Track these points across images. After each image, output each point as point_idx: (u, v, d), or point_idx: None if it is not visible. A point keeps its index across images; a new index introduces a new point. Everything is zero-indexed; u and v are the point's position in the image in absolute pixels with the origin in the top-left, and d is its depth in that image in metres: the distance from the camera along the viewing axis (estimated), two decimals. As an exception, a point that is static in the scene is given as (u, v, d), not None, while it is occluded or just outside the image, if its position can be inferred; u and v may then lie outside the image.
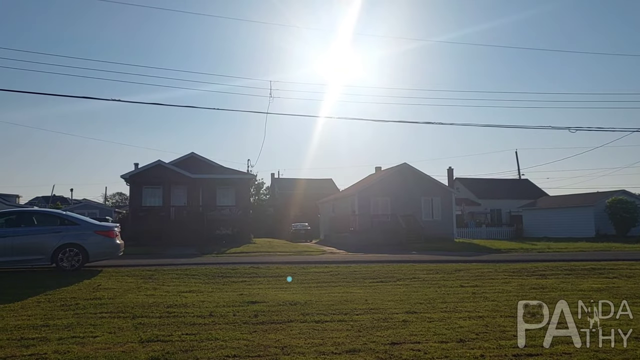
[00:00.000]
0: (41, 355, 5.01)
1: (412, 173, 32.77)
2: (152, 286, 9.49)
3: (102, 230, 12.01)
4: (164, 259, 16.29)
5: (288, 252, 21.85)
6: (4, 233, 11.09)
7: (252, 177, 37.58)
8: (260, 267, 12.69)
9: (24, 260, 11.15)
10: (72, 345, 5.36)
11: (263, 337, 5.76)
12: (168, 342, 5.55)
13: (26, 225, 11.63)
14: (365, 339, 5.65)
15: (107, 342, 5.51)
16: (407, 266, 13.33)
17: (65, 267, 11.18)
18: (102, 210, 54.15)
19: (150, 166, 30.59)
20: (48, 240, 11.23)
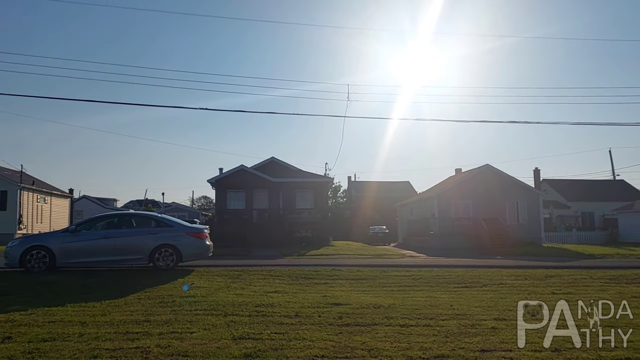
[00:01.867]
0: (145, 348, 5.42)
1: (494, 174, 31.56)
2: (240, 286, 9.91)
3: (194, 232, 12.73)
4: (249, 259, 16.92)
5: (367, 255, 21.85)
6: (107, 234, 12.09)
7: (329, 180, 37.98)
8: (341, 270, 12.83)
9: (125, 260, 12.08)
10: (172, 340, 5.74)
11: (349, 339, 5.85)
12: (259, 340, 5.79)
13: (127, 227, 12.58)
14: (453, 345, 5.57)
15: (203, 338, 5.85)
16: (493, 271, 12.89)
17: (161, 267, 11.97)
18: (190, 213, 57.03)
19: (234, 171, 31.85)
20: (146, 241, 12.08)
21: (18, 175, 30.93)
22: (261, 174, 31.94)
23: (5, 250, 12.08)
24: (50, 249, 11.57)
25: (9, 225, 29.04)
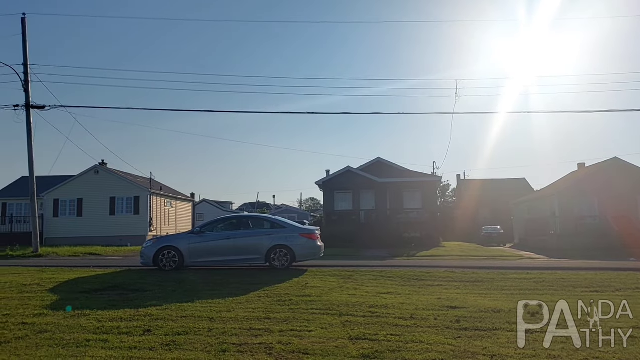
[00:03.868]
0: (268, 344, 5.69)
1: (624, 168, 28.68)
2: (353, 286, 10.02)
3: (306, 233, 13.14)
4: (359, 260, 17.07)
5: (481, 256, 20.97)
6: (229, 235, 12.91)
7: (438, 179, 37.02)
8: (455, 272, 12.45)
9: (245, 259, 12.81)
10: (292, 338, 5.96)
11: (468, 344, 5.66)
12: (375, 340, 5.82)
13: (244, 228, 13.35)
14: (585, 354, 5.16)
15: (321, 337, 6.00)
16: (627, 274, 11.72)
17: (277, 266, 12.52)
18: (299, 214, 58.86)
19: (340, 172, 32.32)
20: (263, 242, 12.71)
21: (148, 182, 34.09)
22: (367, 175, 32.05)
23: (141, 250, 13.40)
24: (179, 249, 12.61)
25: (141, 227, 32.11)
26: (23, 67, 21.00)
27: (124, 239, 30.32)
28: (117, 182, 33.37)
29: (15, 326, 6.63)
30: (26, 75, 20.95)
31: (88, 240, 29.66)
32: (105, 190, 32.83)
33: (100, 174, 33.38)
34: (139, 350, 5.51)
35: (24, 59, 21.11)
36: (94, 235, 30.73)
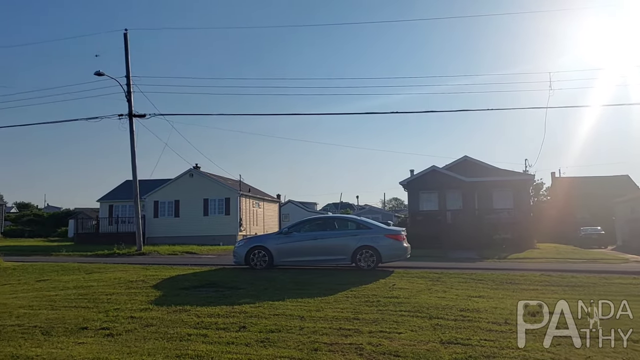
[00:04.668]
0: (358, 345, 5.75)
1: None
2: (442, 288, 9.82)
3: (392, 234, 13.08)
4: (446, 262, 16.67)
5: (580, 259, 19.66)
6: (315, 236, 13.16)
7: (530, 177, 35.20)
8: (552, 275, 11.79)
9: (331, 260, 12.99)
10: (382, 339, 5.97)
11: (570, 352, 5.38)
12: (468, 345, 5.68)
13: (330, 229, 13.54)
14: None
15: (411, 339, 5.96)
16: None
17: (362, 267, 12.56)
18: (382, 214, 58.46)
19: (425, 172, 31.72)
20: (348, 243, 12.81)
21: (238, 184, 35.58)
22: (454, 174, 31.18)
23: (234, 250, 14.05)
24: (269, 249, 13.05)
25: (231, 227, 33.57)
26: (126, 79, 22.82)
27: (217, 238, 31.85)
28: (209, 184, 35.15)
29: (125, 320, 7.22)
30: (129, 87, 22.74)
31: (184, 239, 31.51)
32: (199, 192, 34.72)
33: (194, 177, 35.34)
34: (235, 345, 5.80)
35: (126, 72, 22.93)
36: (189, 235, 32.58)
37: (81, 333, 6.48)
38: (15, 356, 5.43)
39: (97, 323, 6.97)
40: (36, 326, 6.84)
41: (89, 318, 7.32)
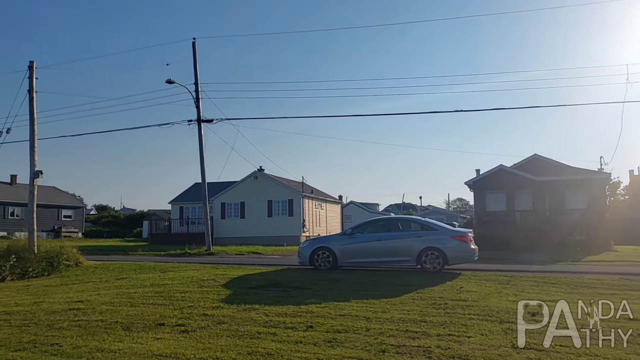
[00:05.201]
0: (426, 348, 5.70)
1: None
2: (512, 292, 9.50)
3: (458, 236, 12.79)
4: (516, 264, 16.04)
5: (665, 263, 18.29)
6: (379, 237, 13.11)
7: (606, 176, 33.10)
8: (632, 279, 11.08)
9: (395, 261, 12.89)
10: (451, 343, 5.88)
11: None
12: (542, 351, 5.49)
13: (394, 230, 13.43)
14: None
15: (481, 344, 5.83)
16: None
17: (428, 269, 12.37)
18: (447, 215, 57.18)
19: (492, 171, 30.70)
20: (413, 244, 12.66)
21: (300, 186, 36.07)
22: (523, 173, 29.96)
23: (299, 250, 14.28)
24: (332, 250, 13.15)
25: (295, 228, 34.07)
26: (194, 86, 23.76)
27: (281, 239, 32.44)
28: (273, 186, 35.87)
29: (198, 317, 7.55)
30: (197, 94, 23.67)
31: (250, 239, 32.33)
32: (263, 194, 35.51)
33: (259, 179, 36.20)
34: (304, 344, 5.92)
35: (194, 79, 23.88)
36: (254, 235, 33.40)
37: (159, 329, 6.85)
38: (99, 350, 5.83)
39: (173, 320, 7.33)
40: (117, 322, 7.30)
41: (165, 315, 7.71)
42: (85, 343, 6.13)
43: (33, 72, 16.28)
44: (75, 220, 54.10)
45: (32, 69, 16.30)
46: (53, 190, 52.68)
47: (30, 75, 16.26)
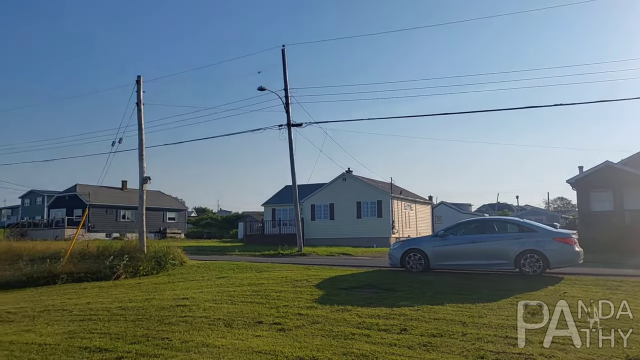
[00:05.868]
0: (528, 355, 5.47)
1: None
2: (622, 298, 8.73)
3: (561, 238, 12.04)
4: (626, 269, 14.79)
5: None
6: (473, 239, 12.69)
7: None
8: None
9: (490, 264, 12.40)
10: (555, 351, 5.60)
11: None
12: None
13: (489, 232, 12.92)
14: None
15: (589, 353, 5.51)
16: None
17: (527, 273, 11.76)
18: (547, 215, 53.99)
19: (597, 168, 28.49)
20: (510, 247, 12.09)
21: (389, 187, 35.84)
22: (632, 170, 27.49)
23: (389, 252, 14.22)
24: (424, 252, 12.94)
25: (384, 229, 33.88)
26: (284, 92, 24.51)
27: (370, 240, 32.42)
28: (361, 187, 35.96)
29: (293, 316, 7.80)
30: (287, 99, 24.40)
31: (339, 241, 32.66)
32: (351, 196, 35.70)
33: (347, 181, 36.47)
34: (398, 347, 5.92)
35: (284, 85, 24.63)
36: (343, 237, 33.68)
37: (257, 327, 7.18)
38: (205, 345, 6.23)
39: (270, 318, 7.65)
40: (219, 318, 7.74)
41: (262, 313, 8.06)
42: (192, 338, 6.57)
43: (140, 85, 17.71)
44: (178, 222, 57.97)
45: (139, 83, 17.73)
46: (159, 195, 56.79)
47: (138, 89, 17.70)
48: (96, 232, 46.59)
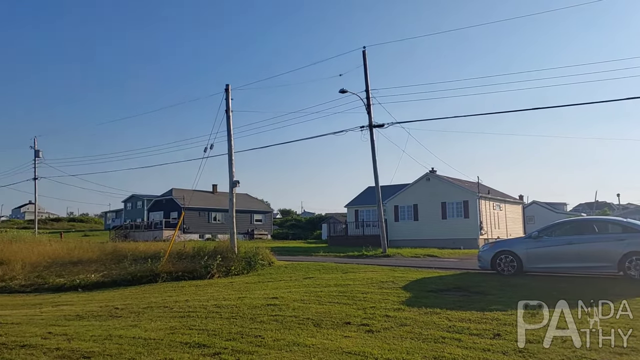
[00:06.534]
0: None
1: None
2: None
3: (673, 240, 11.00)
4: None
5: None
6: (570, 240, 11.92)
7: None
8: None
9: (590, 267, 11.59)
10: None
11: None
12: None
13: (588, 233, 12.09)
14: None
15: None
16: None
17: (633, 276, 10.85)
18: (654, 214, 49.36)
19: None
20: (613, 248, 11.23)
21: (476, 186, 34.63)
22: None
23: (479, 254, 13.74)
24: (517, 254, 12.36)
25: (471, 230, 32.78)
26: (365, 93, 24.53)
27: (456, 241, 31.52)
28: (446, 187, 35.06)
29: (381, 318, 7.79)
30: (368, 100, 24.40)
31: (423, 242, 32.07)
32: (436, 196, 34.91)
33: (431, 181, 35.73)
34: (492, 353, 5.72)
35: (365, 86, 24.65)
36: (428, 238, 33.03)
37: (345, 327, 7.25)
38: (295, 344, 6.40)
39: (358, 319, 7.70)
40: (308, 318, 7.92)
41: (350, 314, 8.13)
42: (283, 337, 6.79)
43: (229, 93, 18.55)
44: (264, 223, 59.89)
45: (227, 91, 18.59)
46: (246, 197, 59.04)
47: (227, 97, 18.56)
48: (190, 233, 49.30)
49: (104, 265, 16.86)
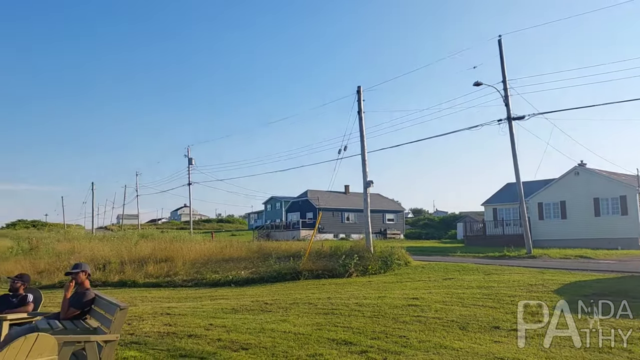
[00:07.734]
0: None
1: None
2: None
3: None
4: None
5: None
6: None
7: None
8: None
9: None
10: None
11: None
12: None
13: None
14: None
15: None
16: None
17: None
18: None
19: None
20: None
21: (635, 179, 30.85)
22: None
23: None
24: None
25: (630, 229, 29.29)
26: (502, 85, 23.20)
27: (612, 241, 28.36)
28: (599, 182, 31.72)
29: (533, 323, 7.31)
30: (505, 92, 23.04)
31: (572, 242, 29.35)
32: (586, 191, 31.75)
33: (580, 175, 32.62)
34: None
35: (502, 77, 23.31)
36: (576, 238, 30.15)
37: (494, 332, 6.95)
38: (442, 346, 6.28)
39: (508, 324, 7.31)
40: (452, 320, 7.72)
41: (497, 318, 7.76)
42: (428, 338, 6.71)
43: (360, 95, 18.84)
44: (396, 223, 59.67)
45: (359, 92, 18.89)
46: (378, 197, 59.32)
47: (359, 99, 18.87)
48: (325, 233, 50.89)
49: (252, 262, 18.14)
